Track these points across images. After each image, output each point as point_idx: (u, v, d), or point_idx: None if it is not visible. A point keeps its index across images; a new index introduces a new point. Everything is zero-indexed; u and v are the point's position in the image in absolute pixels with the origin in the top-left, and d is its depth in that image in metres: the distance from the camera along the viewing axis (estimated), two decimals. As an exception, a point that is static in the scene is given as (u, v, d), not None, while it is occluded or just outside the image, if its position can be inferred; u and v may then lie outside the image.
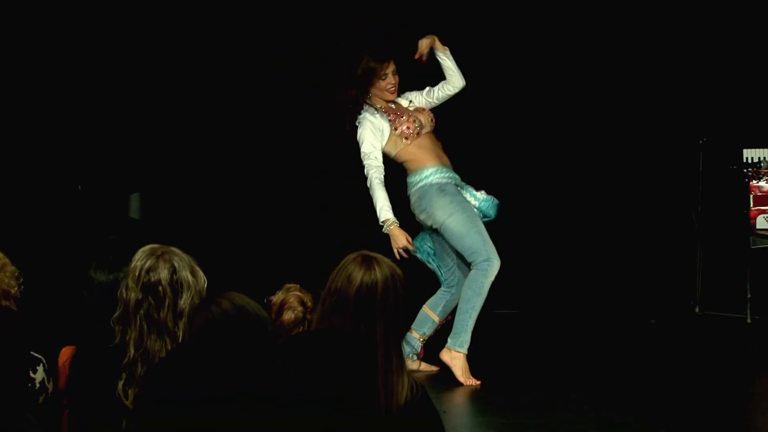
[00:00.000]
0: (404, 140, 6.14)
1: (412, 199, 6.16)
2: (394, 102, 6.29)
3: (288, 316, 4.19)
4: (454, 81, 6.33)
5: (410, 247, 6.02)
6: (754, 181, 7.53)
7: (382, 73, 6.15)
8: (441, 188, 6.08)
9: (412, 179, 6.15)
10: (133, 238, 3.89)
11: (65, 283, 6.05)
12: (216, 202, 8.31)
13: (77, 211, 7.73)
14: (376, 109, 6.20)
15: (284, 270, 5.42)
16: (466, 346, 6.00)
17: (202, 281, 3.70)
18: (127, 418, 3.57)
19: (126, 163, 8.08)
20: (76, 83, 7.87)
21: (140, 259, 3.67)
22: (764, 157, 7.64)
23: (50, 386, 3.94)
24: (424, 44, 6.26)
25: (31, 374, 3.88)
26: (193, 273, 3.68)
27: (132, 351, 3.63)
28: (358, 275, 3.36)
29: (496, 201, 6.19)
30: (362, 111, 6.18)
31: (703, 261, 7.99)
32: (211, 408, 3.25)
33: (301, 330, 4.19)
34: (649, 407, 5.61)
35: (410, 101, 6.35)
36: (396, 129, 6.14)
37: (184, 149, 8.26)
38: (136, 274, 3.64)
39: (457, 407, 5.66)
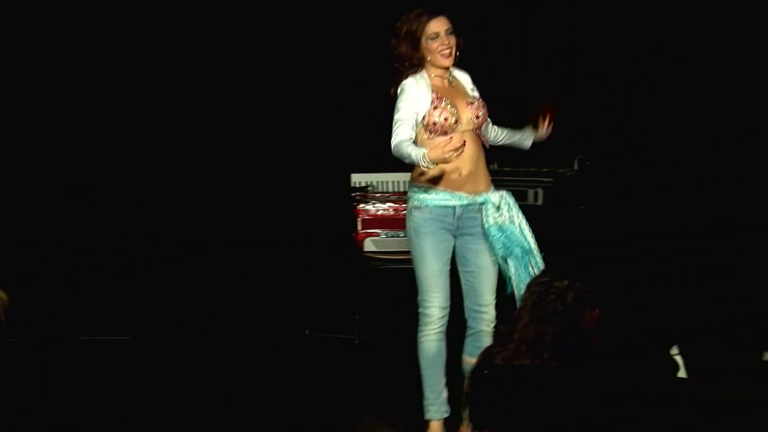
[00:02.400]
0: (428, 133, 5.31)
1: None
2: (449, 78, 5.39)
3: None
4: (499, 141, 5.67)
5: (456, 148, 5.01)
6: (361, 205, 7.75)
7: (432, 31, 5.27)
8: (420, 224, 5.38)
9: (411, 188, 5.48)
10: None
11: None
12: None
13: None
14: (425, 78, 5.30)
15: None
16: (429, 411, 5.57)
17: None
18: None
19: None
20: None
21: None
22: (370, 182, 7.89)
23: None
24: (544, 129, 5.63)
25: None
26: None
27: None
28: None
29: (509, 234, 5.38)
30: (409, 77, 5.29)
31: (312, 283, 8.13)
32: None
33: None
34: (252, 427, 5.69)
35: (473, 89, 5.45)
36: (425, 117, 5.27)
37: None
38: None
39: None
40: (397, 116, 5.23)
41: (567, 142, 7.98)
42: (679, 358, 4.05)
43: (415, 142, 5.23)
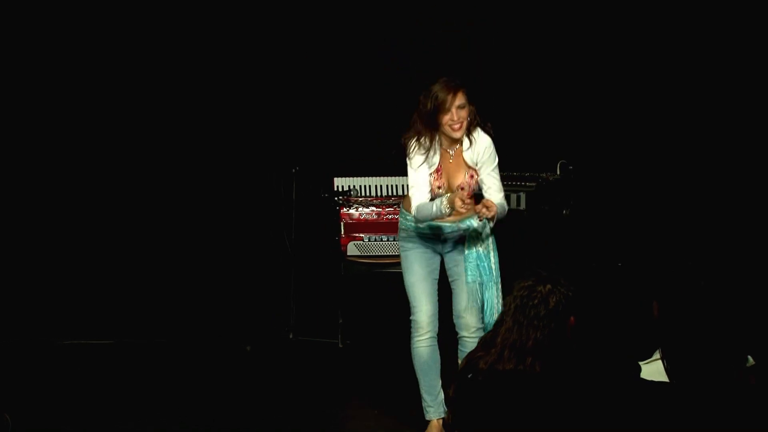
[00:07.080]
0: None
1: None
2: (458, 146, 5.54)
3: None
4: None
5: (465, 197, 5.30)
6: (344, 209, 7.75)
7: (446, 106, 5.41)
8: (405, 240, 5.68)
9: (402, 213, 5.73)
10: None
11: None
12: None
13: None
14: (436, 147, 5.52)
15: None
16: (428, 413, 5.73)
17: None
18: None
19: None
20: None
21: None
22: (353, 186, 7.90)
23: None
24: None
25: None
26: None
27: None
28: None
29: (473, 260, 5.60)
30: (422, 138, 5.50)
31: (296, 287, 8.14)
32: None
33: None
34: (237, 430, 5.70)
35: (481, 158, 5.55)
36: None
37: None
38: None
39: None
40: (411, 182, 5.55)
41: (549, 146, 8.02)
42: (655, 364, 4.09)
43: None
